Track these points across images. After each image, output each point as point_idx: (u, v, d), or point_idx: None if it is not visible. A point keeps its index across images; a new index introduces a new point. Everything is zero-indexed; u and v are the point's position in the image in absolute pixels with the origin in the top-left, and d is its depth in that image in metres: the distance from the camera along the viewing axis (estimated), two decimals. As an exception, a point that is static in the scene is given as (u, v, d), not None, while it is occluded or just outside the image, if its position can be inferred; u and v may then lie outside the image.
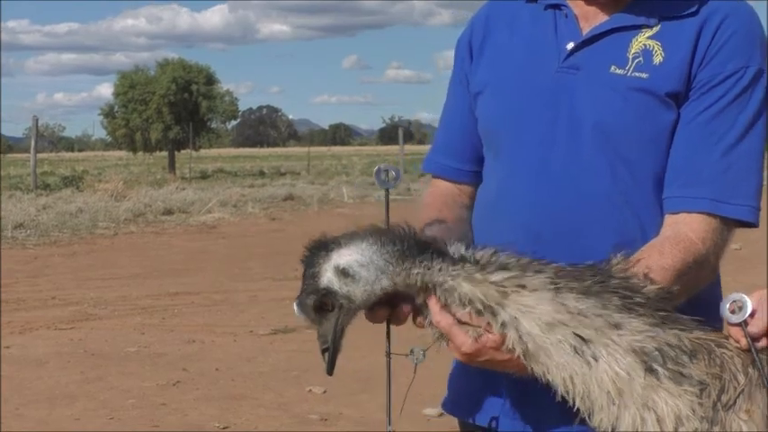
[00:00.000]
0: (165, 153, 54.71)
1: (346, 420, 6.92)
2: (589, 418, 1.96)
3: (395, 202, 2.24)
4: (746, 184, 2.29)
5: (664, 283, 2.12)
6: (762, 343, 1.93)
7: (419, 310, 2.11)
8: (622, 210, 2.32)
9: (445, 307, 2.06)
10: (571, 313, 1.95)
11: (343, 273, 2.05)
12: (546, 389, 2.03)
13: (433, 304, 2.07)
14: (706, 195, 2.26)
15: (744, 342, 1.93)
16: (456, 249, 2.08)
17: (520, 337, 1.98)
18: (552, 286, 1.97)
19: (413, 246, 2.07)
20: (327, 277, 2.06)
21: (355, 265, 2.05)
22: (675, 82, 2.29)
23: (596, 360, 1.93)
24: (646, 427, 1.89)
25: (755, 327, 1.93)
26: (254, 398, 7.39)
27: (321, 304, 2.07)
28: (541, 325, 1.96)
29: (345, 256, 2.06)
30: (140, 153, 58.06)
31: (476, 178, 2.58)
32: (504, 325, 1.99)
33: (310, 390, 7.60)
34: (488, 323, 2.01)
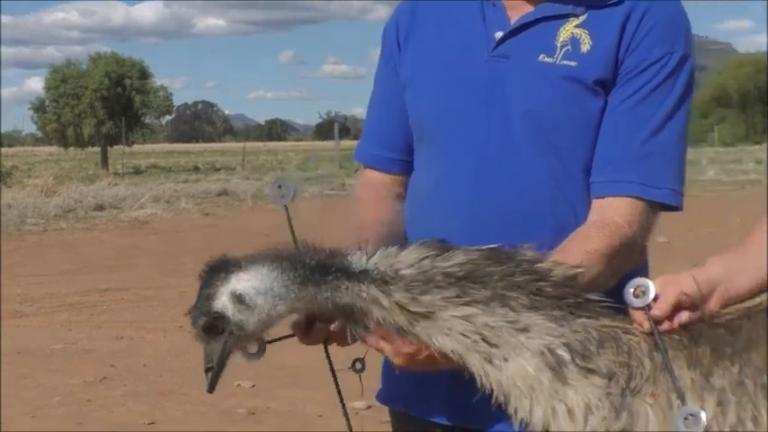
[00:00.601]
0: (97, 149, 54.13)
1: (274, 414, 6.90)
2: (508, 409, 2.01)
3: (330, 198, 2.22)
4: (671, 168, 2.33)
5: (591, 267, 2.15)
6: (664, 326, 1.97)
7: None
8: (556, 197, 2.35)
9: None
10: (479, 325, 1.97)
11: (238, 299, 2.01)
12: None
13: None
14: (633, 180, 2.29)
15: (647, 326, 1.96)
16: (358, 263, 2.04)
17: (436, 346, 2.01)
18: (459, 300, 1.98)
19: (314, 268, 2.02)
20: (222, 302, 2.01)
21: (252, 293, 2.01)
22: (603, 69, 2.32)
23: (506, 361, 1.96)
24: (557, 417, 1.94)
25: (658, 310, 1.96)
26: (182, 393, 7.34)
27: (211, 327, 2.03)
28: (453, 340, 1.98)
29: (244, 282, 2.01)
30: (72, 149, 57.29)
31: (408, 168, 2.58)
32: (423, 340, 2.01)
33: (239, 384, 7.56)
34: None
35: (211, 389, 2.08)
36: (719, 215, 15.63)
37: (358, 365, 2.17)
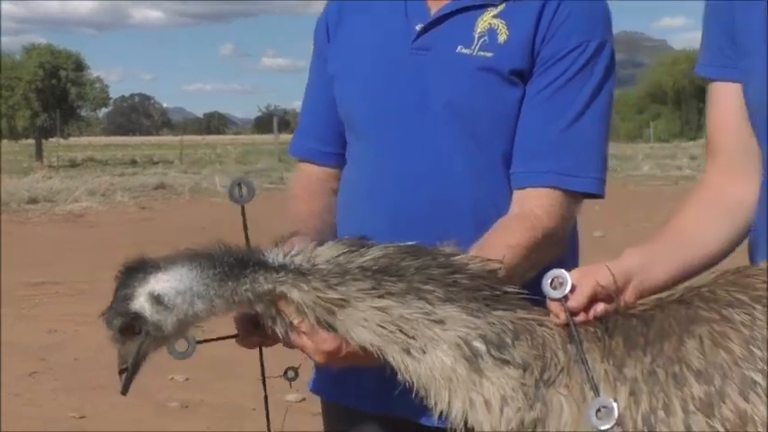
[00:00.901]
0: (31, 141, 53.25)
1: (207, 407, 6.89)
2: (428, 402, 2.03)
3: (269, 192, 2.22)
4: (591, 156, 2.35)
5: (512, 261, 2.17)
6: (580, 318, 2.00)
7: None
8: (478, 189, 2.37)
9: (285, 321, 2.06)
10: (395, 318, 1.99)
11: (157, 300, 2.00)
12: None
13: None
14: (551, 169, 2.31)
15: (563, 317, 1.99)
16: (275, 258, 2.05)
17: (356, 341, 2.03)
18: (375, 292, 2.00)
19: (233, 264, 2.02)
20: (140, 302, 2.00)
21: (171, 293, 2.00)
22: (520, 59, 2.34)
23: (424, 353, 1.98)
24: (474, 409, 1.97)
25: (575, 302, 1.99)
26: (114, 387, 7.20)
27: (127, 327, 2.02)
28: (371, 333, 2.00)
29: (162, 282, 2.00)
30: (5, 141, 56.32)
31: (342, 161, 2.60)
32: (342, 334, 2.04)
33: (172, 378, 7.53)
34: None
35: (125, 390, 2.07)
36: (654, 210, 15.87)
37: (290, 374, 2.18)
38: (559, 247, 2.36)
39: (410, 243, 2.08)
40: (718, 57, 2.25)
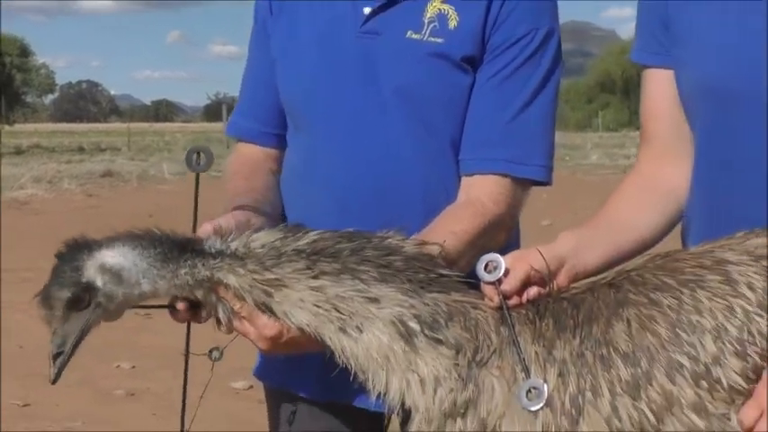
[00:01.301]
0: (-25, 127, 52.47)
1: (152, 395, 6.86)
2: (367, 384, 2.07)
3: (217, 179, 2.20)
4: (539, 143, 2.38)
5: (457, 246, 2.20)
6: (513, 301, 2.04)
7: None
8: (428, 175, 2.38)
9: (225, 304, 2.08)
10: (330, 297, 2.02)
11: (108, 271, 2.01)
12: None
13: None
14: (500, 157, 2.34)
15: (496, 300, 2.02)
16: (213, 245, 2.07)
17: (294, 323, 2.05)
18: (310, 272, 2.02)
19: (172, 247, 2.04)
20: (91, 273, 2.00)
21: (119, 267, 2.01)
22: (470, 46, 2.35)
23: (360, 332, 2.01)
24: (411, 388, 2.00)
25: (508, 285, 2.03)
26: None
27: (77, 299, 2.00)
28: (308, 313, 2.02)
29: (110, 257, 2.01)
30: (-51, 127, 55.49)
31: (282, 142, 2.57)
32: (280, 316, 2.05)
33: (118, 365, 7.50)
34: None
35: (57, 378, 2.03)
36: (602, 199, 15.90)
37: (215, 354, 2.18)
38: (507, 233, 2.39)
39: (348, 230, 2.10)
40: (652, 43, 2.29)
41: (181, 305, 2.09)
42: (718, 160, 2.15)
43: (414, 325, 1.99)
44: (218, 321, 2.10)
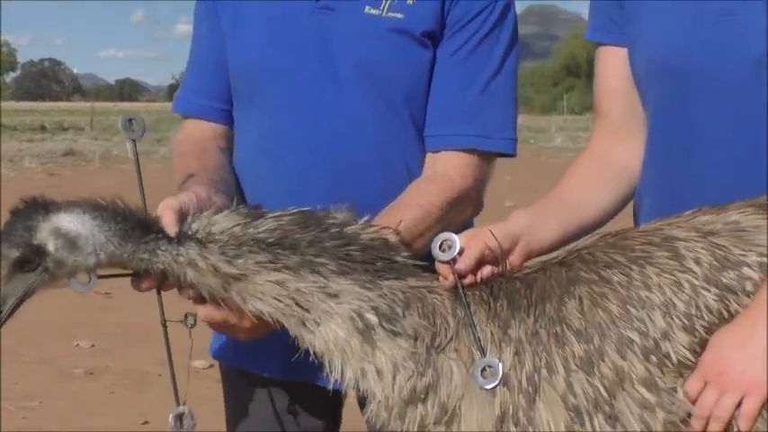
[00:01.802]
0: (-64, 105, 51.83)
1: (112, 374, 6.84)
2: (326, 367, 2.09)
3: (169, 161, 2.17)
4: (504, 116, 2.39)
5: (424, 220, 2.21)
6: (468, 280, 2.06)
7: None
8: (388, 152, 2.38)
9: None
10: (291, 291, 2.03)
11: (62, 236, 1.96)
12: None
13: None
14: (468, 132, 2.34)
15: (451, 279, 2.04)
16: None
17: (252, 311, 2.05)
18: (272, 266, 2.02)
19: (135, 225, 2.00)
20: (43, 236, 1.95)
21: (75, 234, 1.96)
22: (430, 21, 2.34)
23: (319, 325, 2.02)
24: (366, 377, 2.02)
25: (463, 264, 2.04)
26: (18, 353, 7.15)
27: (25, 260, 1.95)
28: (267, 305, 2.03)
29: (66, 222, 1.96)
30: None
31: (230, 118, 2.54)
32: (237, 304, 2.06)
33: (78, 344, 7.47)
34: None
35: None
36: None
37: (190, 320, 2.15)
38: (474, 207, 2.40)
39: (302, 210, 2.09)
40: (606, 22, 2.31)
41: (147, 283, 2.06)
42: (669, 138, 2.18)
43: (372, 317, 2.01)
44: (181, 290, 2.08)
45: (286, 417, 2.56)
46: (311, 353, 2.07)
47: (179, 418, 2.09)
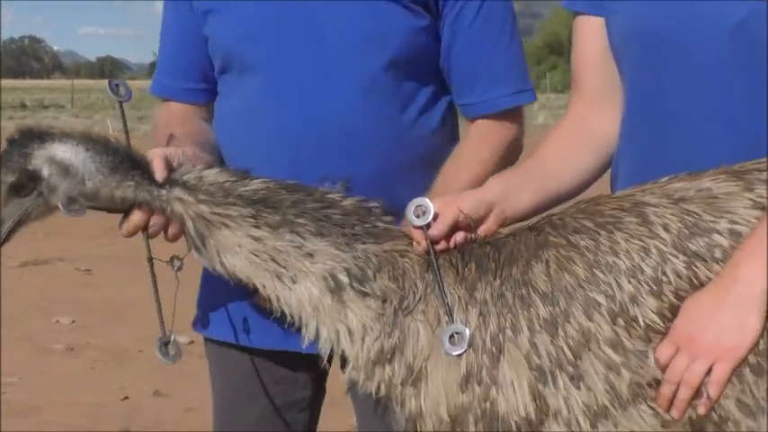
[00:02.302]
0: None
1: (93, 350, 6.85)
2: (301, 331, 2.13)
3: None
4: (524, 69, 2.53)
5: (487, 172, 2.32)
6: (441, 246, 2.07)
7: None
8: (381, 120, 2.39)
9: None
10: (269, 248, 2.08)
11: (57, 164, 2.04)
12: None
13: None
14: (504, 93, 2.45)
15: (424, 244, 2.06)
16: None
17: (225, 265, 2.11)
18: (253, 221, 2.08)
19: (126, 160, 2.08)
20: (38, 163, 2.04)
21: (68, 162, 2.05)
22: None
23: (294, 283, 2.08)
24: (340, 337, 2.08)
25: (436, 230, 2.07)
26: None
27: (20, 185, 2.04)
28: (243, 259, 2.09)
29: (61, 151, 2.06)
30: None
31: (208, 96, 2.56)
32: (211, 256, 2.12)
33: (58, 320, 7.47)
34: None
35: None
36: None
37: (177, 262, 2.19)
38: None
39: (291, 182, 2.15)
40: None
41: (136, 215, 2.10)
42: (645, 108, 2.18)
43: (343, 278, 2.06)
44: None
45: (273, 388, 2.57)
46: (288, 316, 2.11)
47: (165, 345, 2.15)
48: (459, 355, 1.96)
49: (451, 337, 1.97)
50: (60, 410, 5.67)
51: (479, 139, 2.44)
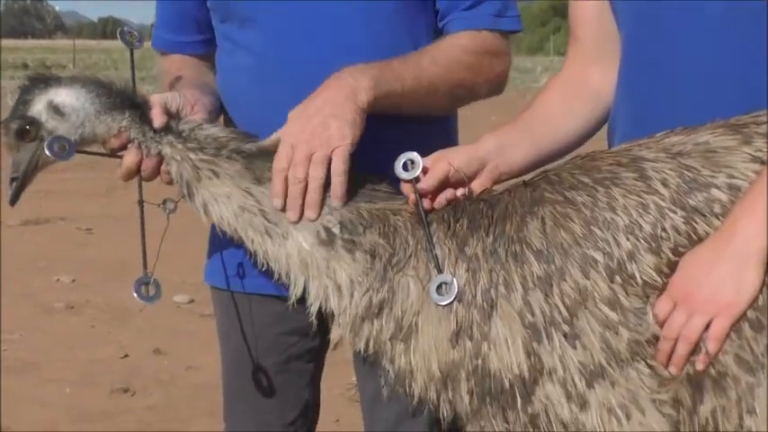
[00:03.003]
0: None
1: (93, 308, 6.86)
2: (291, 286, 2.14)
3: None
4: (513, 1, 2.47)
5: (461, 60, 2.32)
6: (429, 200, 2.08)
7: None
8: (384, 57, 2.34)
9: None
10: (259, 202, 2.11)
11: (54, 108, 2.12)
12: None
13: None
14: (486, 12, 2.41)
15: (413, 198, 2.06)
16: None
17: (212, 215, 2.15)
18: (244, 174, 2.12)
19: (126, 100, 2.15)
20: (38, 108, 2.13)
21: (68, 106, 2.13)
22: None
23: (284, 239, 2.09)
24: (328, 293, 2.08)
25: (425, 183, 2.07)
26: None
27: (23, 131, 2.13)
28: (231, 211, 2.12)
29: (62, 95, 2.13)
30: None
31: (206, 47, 2.57)
32: (197, 205, 2.15)
33: (58, 279, 7.48)
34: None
35: (14, 199, 2.15)
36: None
37: (169, 205, 2.21)
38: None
39: None
40: None
41: (129, 157, 2.14)
42: (642, 63, 2.16)
43: (335, 230, 2.07)
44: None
45: (287, 339, 2.56)
46: (276, 273, 2.13)
47: (143, 284, 2.18)
48: (447, 306, 1.95)
49: (439, 287, 1.96)
50: (60, 368, 5.70)
51: (456, 40, 2.40)
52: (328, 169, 2.10)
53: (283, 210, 2.10)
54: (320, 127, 2.11)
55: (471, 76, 2.38)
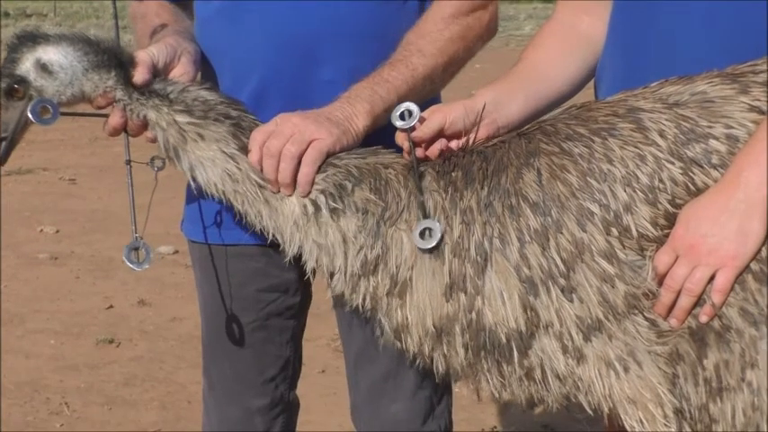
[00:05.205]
0: None
1: (77, 259, 6.81)
2: (285, 245, 2.13)
3: None
4: None
5: (450, 30, 2.31)
6: (423, 149, 2.07)
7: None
8: (375, 17, 2.36)
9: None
10: (246, 169, 2.10)
11: (42, 67, 2.10)
12: None
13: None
14: None
15: (406, 146, 2.04)
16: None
17: (198, 179, 2.13)
18: (232, 138, 2.11)
19: (113, 59, 2.12)
20: (26, 66, 2.10)
21: (56, 65, 2.10)
22: None
23: (281, 200, 2.09)
24: (321, 253, 2.07)
25: (420, 132, 2.05)
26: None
27: (11, 90, 2.10)
28: (219, 176, 2.11)
29: (50, 53, 2.11)
30: None
31: None
32: (184, 169, 2.14)
33: (42, 230, 7.42)
34: None
35: (4, 159, 2.13)
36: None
37: (158, 163, 2.20)
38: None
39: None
40: None
41: (114, 118, 2.13)
42: (632, 11, 2.12)
43: (321, 197, 2.05)
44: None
45: (266, 296, 2.54)
46: (268, 234, 2.12)
47: (134, 250, 2.15)
48: (431, 251, 1.94)
49: (423, 232, 1.95)
50: (45, 319, 5.67)
51: (439, 13, 2.36)
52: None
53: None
54: (312, 123, 2.11)
55: (463, 45, 2.35)
